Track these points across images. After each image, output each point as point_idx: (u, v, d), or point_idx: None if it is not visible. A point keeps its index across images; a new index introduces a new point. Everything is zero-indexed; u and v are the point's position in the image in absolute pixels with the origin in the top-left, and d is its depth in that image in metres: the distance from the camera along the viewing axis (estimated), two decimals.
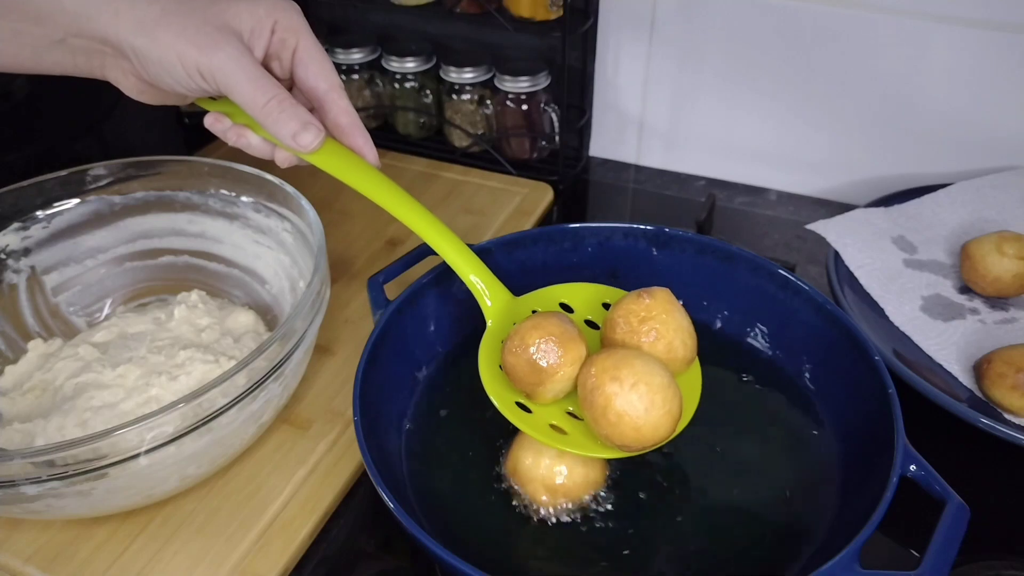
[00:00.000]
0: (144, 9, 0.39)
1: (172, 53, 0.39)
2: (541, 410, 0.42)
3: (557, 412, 0.42)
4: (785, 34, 0.68)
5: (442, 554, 0.35)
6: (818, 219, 0.62)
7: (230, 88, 0.40)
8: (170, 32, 0.39)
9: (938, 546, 0.36)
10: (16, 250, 0.54)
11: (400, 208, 0.45)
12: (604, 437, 0.39)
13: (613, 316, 0.43)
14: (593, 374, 0.39)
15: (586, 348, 0.41)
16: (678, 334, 0.42)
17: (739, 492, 0.44)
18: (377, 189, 0.44)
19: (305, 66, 0.43)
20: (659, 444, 0.39)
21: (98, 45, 0.41)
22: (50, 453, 0.37)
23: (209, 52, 0.39)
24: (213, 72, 0.39)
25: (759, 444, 0.47)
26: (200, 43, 0.39)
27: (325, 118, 0.43)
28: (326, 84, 0.43)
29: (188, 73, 0.39)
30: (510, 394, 0.42)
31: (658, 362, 0.39)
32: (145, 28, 0.39)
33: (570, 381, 0.41)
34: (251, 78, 0.40)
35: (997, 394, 0.49)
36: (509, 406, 0.42)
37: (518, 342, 0.41)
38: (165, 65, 0.39)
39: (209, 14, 0.40)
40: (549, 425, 0.41)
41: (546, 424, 0.41)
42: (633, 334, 0.42)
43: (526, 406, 0.42)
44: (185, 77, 0.40)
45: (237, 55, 0.39)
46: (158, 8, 0.39)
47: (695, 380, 0.44)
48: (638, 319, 0.42)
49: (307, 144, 0.41)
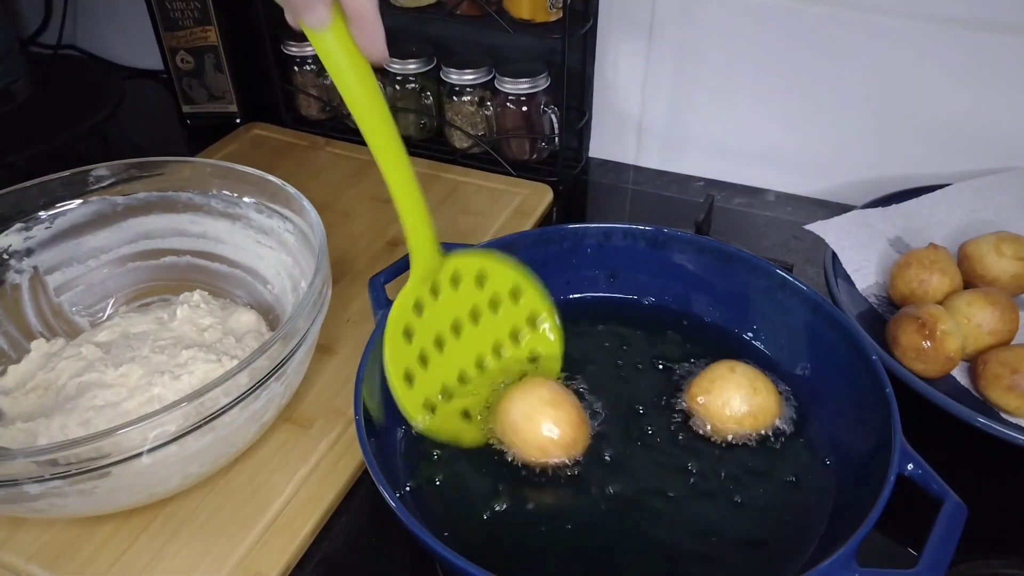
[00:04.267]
0: None
1: None
2: (426, 379, 0.45)
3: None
4: (783, 36, 0.69)
5: (443, 552, 0.35)
6: (816, 220, 0.62)
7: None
8: None
9: (935, 544, 0.36)
10: (19, 250, 0.54)
11: (375, 136, 0.42)
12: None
13: None
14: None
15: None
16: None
17: (734, 491, 0.45)
18: (364, 107, 0.41)
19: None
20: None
21: None
22: (53, 452, 0.37)
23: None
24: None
25: (756, 443, 0.47)
26: None
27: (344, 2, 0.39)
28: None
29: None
30: (403, 358, 0.44)
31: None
32: None
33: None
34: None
35: (993, 395, 0.49)
36: (395, 371, 0.44)
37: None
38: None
39: None
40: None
41: (422, 398, 0.45)
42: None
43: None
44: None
45: None
46: None
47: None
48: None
49: (315, 18, 0.37)
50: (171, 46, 0.83)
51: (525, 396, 0.45)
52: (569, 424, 0.44)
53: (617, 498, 0.44)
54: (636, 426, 0.47)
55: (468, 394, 0.47)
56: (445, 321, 0.47)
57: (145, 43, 0.88)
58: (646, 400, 0.49)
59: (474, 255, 0.49)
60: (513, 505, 0.43)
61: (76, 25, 1.01)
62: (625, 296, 0.57)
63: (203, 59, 0.84)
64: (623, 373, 0.51)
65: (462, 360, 0.48)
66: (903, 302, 0.56)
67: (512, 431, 0.44)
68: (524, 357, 0.50)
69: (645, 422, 0.48)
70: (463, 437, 0.46)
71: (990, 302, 0.52)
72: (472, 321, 0.48)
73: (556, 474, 0.44)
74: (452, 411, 0.46)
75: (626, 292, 0.57)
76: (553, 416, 0.44)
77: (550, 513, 0.43)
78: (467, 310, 0.48)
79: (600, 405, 0.48)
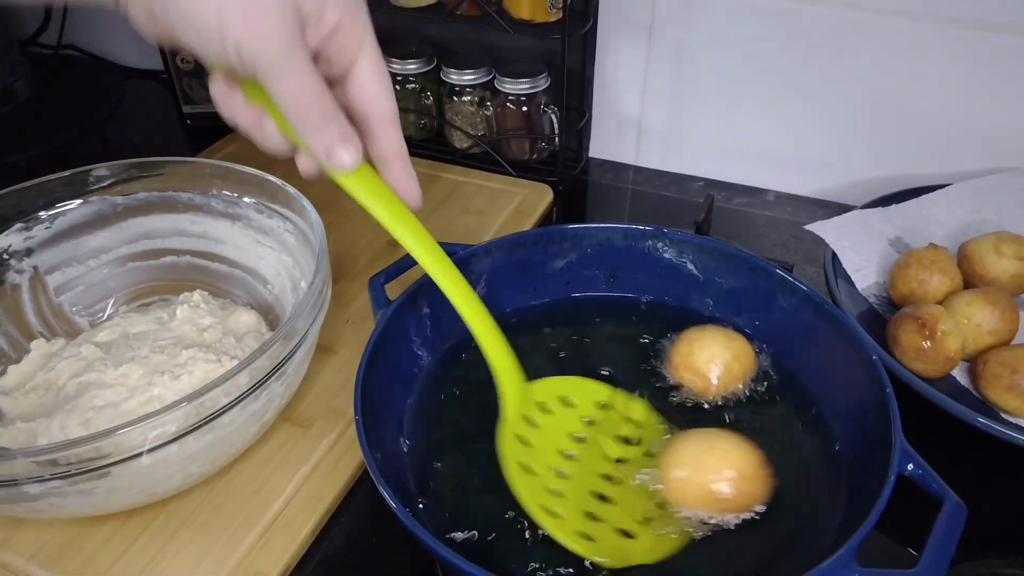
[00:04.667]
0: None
1: (213, 15, 0.31)
2: (568, 509, 0.41)
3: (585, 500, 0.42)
4: (783, 36, 0.69)
5: (443, 552, 0.35)
6: (816, 220, 0.62)
7: (271, 81, 0.32)
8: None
9: (936, 544, 0.36)
10: (19, 250, 0.54)
11: (433, 266, 0.42)
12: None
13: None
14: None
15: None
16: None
17: None
18: (408, 234, 0.40)
19: (363, 87, 0.37)
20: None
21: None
22: (53, 452, 0.37)
23: (258, 29, 0.31)
24: (255, 60, 0.32)
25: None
26: (250, 15, 0.31)
27: (370, 144, 0.38)
28: (381, 111, 0.37)
29: (224, 45, 0.31)
30: (535, 493, 0.41)
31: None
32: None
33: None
34: (300, 75, 0.32)
35: (993, 395, 0.49)
36: (535, 508, 0.41)
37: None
38: (198, 26, 0.31)
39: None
40: (575, 532, 0.40)
41: (573, 529, 0.40)
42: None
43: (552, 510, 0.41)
44: (219, 47, 0.32)
45: (290, 43, 0.32)
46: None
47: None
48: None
49: (342, 161, 0.35)
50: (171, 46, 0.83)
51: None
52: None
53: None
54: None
55: (616, 512, 0.42)
56: (554, 447, 0.45)
57: (145, 43, 0.88)
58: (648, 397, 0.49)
59: (551, 381, 0.47)
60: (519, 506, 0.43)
61: (76, 25, 1.01)
62: (625, 296, 0.57)
63: None
64: (620, 375, 0.51)
65: (591, 479, 0.44)
66: (903, 302, 0.56)
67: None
68: (642, 454, 0.46)
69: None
70: (634, 556, 0.40)
71: (990, 302, 0.52)
72: (579, 441, 0.46)
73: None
74: (610, 531, 0.42)
75: (626, 292, 0.57)
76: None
77: None
78: (568, 432, 0.46)
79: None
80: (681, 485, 0.42)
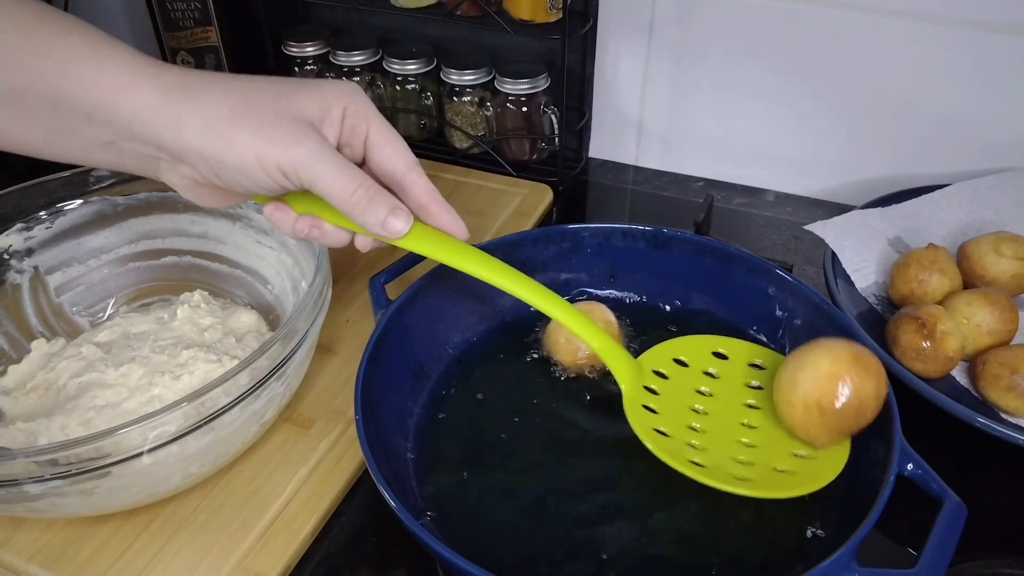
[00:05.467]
0: (211, 111, 0.37)
1: (250, 154, 0.37)
2: (714, 460, 0.43)
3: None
4: (783, 36, 0.69)
5: (444, 552, 0.35)
6: (816, 220, 0.62)
7: (315, 182, 0.37)
8: (244, 132, 0.36)
9: (935, 544, 0.36)
10: (19, 250, 0.54)
11: (507, 282, 0.44)
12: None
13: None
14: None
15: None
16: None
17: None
18: (474, 264, 0.43)
19: (380, 149, 0.41)
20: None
21: (152, 150, 0.39)
22: (53, 452, 0.37)
23: (290, 148, 0.37)
24: (296, 168, 0.37)
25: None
26: (277, 140, 0.37)
27: (406, 198, 0.42)
28: (403, 164, 0.41)
29: (268, 173, 0.37)
30: (677, 453, 0.43)
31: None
32: (215, 131, 0.36)
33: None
34: (336, 168, 0.37)
35: (993, 395, 0.49)
36: (684, 462, 0.42)
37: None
38: (243, 168, 0.37)
39: (280, 107, 0.37)
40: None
41: (728, 474, 0.42)
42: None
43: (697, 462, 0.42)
44: (265, 177, 0.37)
45: (318, 147, 0.37)
46: (226, 109, 0.37)
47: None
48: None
49: (398, 230, 0.40)
50: (172, 47, 0.83)
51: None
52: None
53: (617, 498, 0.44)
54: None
55: (764, 453, 0.44)
56: (683, 406, 0.46)
57: (146, 43, 0.88)
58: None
59: (658, 348, 0.48)
60: (518, 505, 0.44)
61: None
62: (625, 296, 0.57)
63: (204, 60, 0.84)
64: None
65: (729, 429, 0.45)
66: (903, 302, 0.56)
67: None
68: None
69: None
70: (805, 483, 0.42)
71: (990, 302, 0.52)
72: (706, 396, 0.47)
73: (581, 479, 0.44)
74: (766, 471, 0.43)
75: (626, 292, 0.57)
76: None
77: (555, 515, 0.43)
78: (693, 388, 0.47)
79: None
80: (788, 411, 0.42)
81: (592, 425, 0.49)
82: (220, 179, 0.38)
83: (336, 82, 0.41)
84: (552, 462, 0.46)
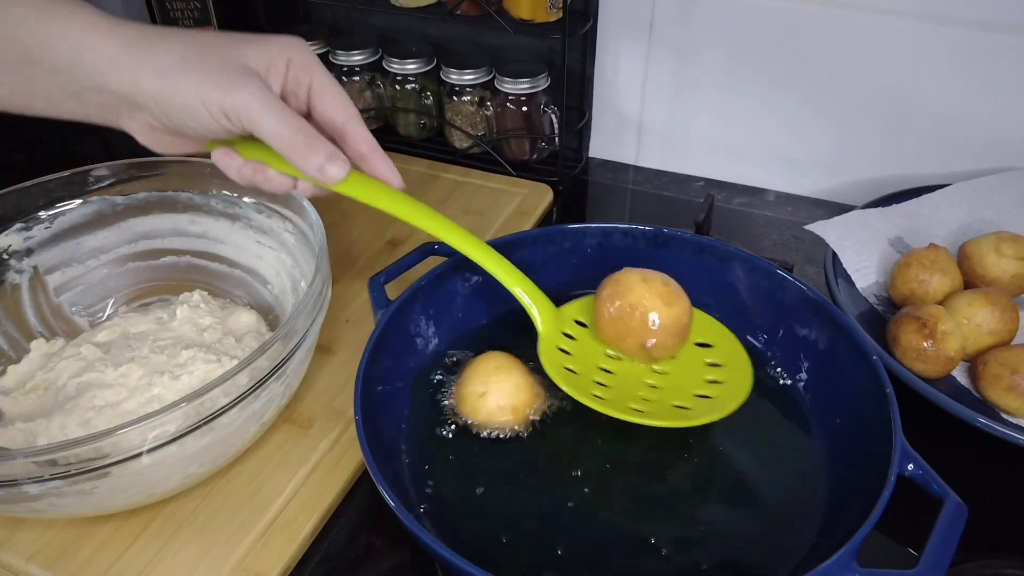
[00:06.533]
0: (163, 58, 0.39)
1: (195, 97, 0.39)
2: (616, 394, 0.46)
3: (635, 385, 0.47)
4: (783, 36, 0.69)
5: (443, 552, 0.35)
6: (816, 219, 0.62)
7: (255, 124, 0.40)
8: (191, 77, 0.39)
9: (936, 545, 0.36)
10: (19, 250, 0.54)
11: (435, 227, 0.46)
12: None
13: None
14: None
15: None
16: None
17: (737, 490, 0.45)
18: (406, 210, 0.45)
19: (321, 99, 0.43)
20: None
21: (112, 99, 0.41)
22: (52, 452, 0.37)
23: (232, 92, 0.39)
24: (237, 110, 0.39)
25: (757, 442, 0.47)
26: (222, 84, 0.39)
27: (346, 148, 0.43)
28: (344, 115, 0.43)
29: (212, 115, 0.40)
30: (583, 387, 0.46)
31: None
32: (165, 76, 0.39)
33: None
34: (275, 113, 0.40)
35: (993, 395, 0.49)
36: (587, 396, 0.45)
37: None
38: (189, 110, 0.40)
39: (226, 56, 0.40)
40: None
41: (625, 404, 0.45)
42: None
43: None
44: (209, 119, 0.40)
45: (259, 92, 0.40)
46: (176, 56, 0.39)
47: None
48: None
49: (334, 175, 0.41)
50: None
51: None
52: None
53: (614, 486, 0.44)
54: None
55: (667, 393, 0.47)
56: (597, 351, 0.49)
57: None
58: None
59: (580, 301, 0.51)
60: (517, 505, 0.43)
61: None
62: None
63: None
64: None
65: (637, 375, 0.48)
66: (903, 302, 0.56)
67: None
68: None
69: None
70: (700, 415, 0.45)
71: (990, 302, 0.52)
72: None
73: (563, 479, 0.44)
74: (664, 407, 0.46)
75: None
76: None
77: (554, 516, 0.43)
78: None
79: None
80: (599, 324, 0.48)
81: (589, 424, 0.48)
82: (171, 121, 0.41)
83: (282, 36, 0.43)
84: (551, 462, 0.46)
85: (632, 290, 0.46)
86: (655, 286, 0.46)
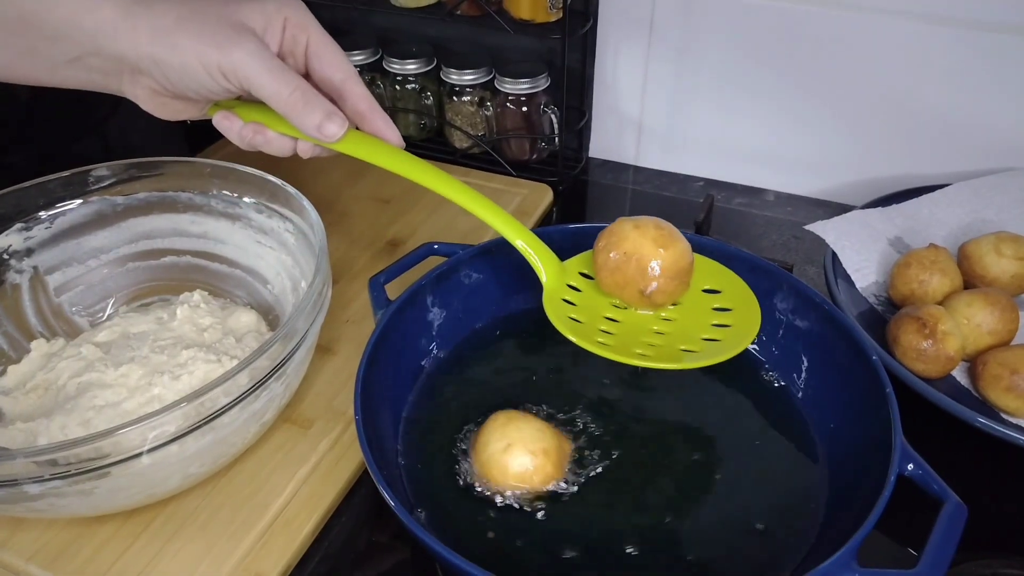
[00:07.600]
0: (160, 18, 0.39)
1: (192, 56, 0.39)
2: (621, 341, 0.45)
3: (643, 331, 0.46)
4: (783, 36, 0.69)
5: (442, 552, 0.35)
6: (816, 219, 0.62)
7: (252, 82, 0.40)
8: (188, 36, 0.39)
9: (936, 545, 0.36)
10: (19, 250, 0.54)
11: (435, 182, 0.45)
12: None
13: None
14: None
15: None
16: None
17: (736, 490, 0.45)
18: (405, 166, 0.45)
19: (319, 58, 0.43)
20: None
21: (114, 64, 0.41)
22: (53, 452, 0.37)
23: (228, 50, 0.39)
24: (235, 69, 0.39)
25: (757, 442, 0.47)
26: (218, 43, 0.39)
27: (344, 106, 0.44)
28: (341, 73, 0.43)
29: (210, 74, 0.40)
30: (588, 335, 0.45)
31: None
32: (162, 36, 0.39)
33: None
34: (273, 71, 0.40)
35: (992, 395, 0.49)
36: (592, 343, 0.44)
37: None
38: (187, 70, 0.40)
39: (222, 15, 0.40)
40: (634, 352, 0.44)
41: (631, 350, 0.44)
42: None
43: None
44: (207, 78, 0.40)
45: (256, 50, 0.40)
46: (173, 16, 0.39)
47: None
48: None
49: (332, 133, 0.41)
50: None
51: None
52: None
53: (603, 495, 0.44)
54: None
55: (672, 338, 0.46)
56: (603, 302, 0.48)
57: None
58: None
59: (586, 254, 0.49)
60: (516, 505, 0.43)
61: None
62: None
63: None
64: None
65: (642, 324, 0.47)
66: (903, 302, 0.56)
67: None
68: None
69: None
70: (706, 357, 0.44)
71: (990, 302, 0.52)
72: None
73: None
74: (671, 351, 0.45)
75: None
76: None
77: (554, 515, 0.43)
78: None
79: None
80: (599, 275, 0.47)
81: (586, 423, 0.49)
82: (171, 83, 0.41)
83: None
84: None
85: (626, 238, 0.46)
86: (648, 231, 0.46)
